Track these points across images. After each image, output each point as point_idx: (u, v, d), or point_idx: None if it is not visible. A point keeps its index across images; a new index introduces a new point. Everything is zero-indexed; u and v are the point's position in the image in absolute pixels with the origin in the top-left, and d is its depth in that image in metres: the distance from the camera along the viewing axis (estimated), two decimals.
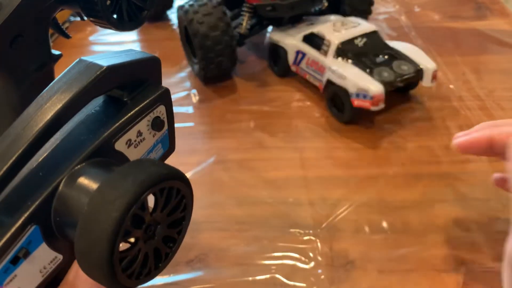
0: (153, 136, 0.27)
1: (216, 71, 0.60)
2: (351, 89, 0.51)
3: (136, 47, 0.76)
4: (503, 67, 0.64)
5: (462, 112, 0.57)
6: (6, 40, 0.28)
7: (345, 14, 0.66)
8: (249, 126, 0.56)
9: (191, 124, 0.57)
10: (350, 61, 0.55)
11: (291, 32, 0.62)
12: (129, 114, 0.25)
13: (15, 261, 0.21)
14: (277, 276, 0.40)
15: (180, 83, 0.64)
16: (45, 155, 0.23)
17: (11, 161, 0.20)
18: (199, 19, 0.56)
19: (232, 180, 0.49)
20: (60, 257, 0.23)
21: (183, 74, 0.66)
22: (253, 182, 0.49)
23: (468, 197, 0.46)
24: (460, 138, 0.37)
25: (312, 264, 0.40)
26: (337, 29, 0.58)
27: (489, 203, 0.45)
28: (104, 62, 0.23)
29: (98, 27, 0.33)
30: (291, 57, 0.61)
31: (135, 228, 0.20)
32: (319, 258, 0.41)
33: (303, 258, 0.41)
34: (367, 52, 0.55)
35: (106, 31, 0.77)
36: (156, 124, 0.27)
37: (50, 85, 0.23)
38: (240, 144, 0.54)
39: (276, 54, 0.63)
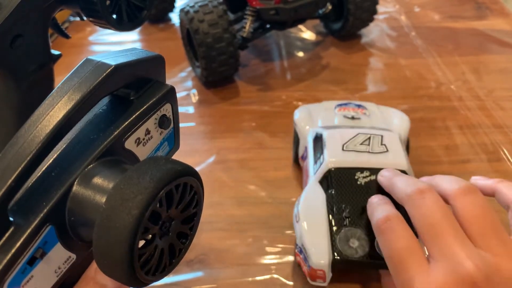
0: (160, 134, 0.27)
1: (218, 73, 0.60)
2: (298, 240, 0.37)
3: (137, 47, 0.75)
4: (502, 67, 0.65)
5: (462, 112, 0.57)
6: (6, 40, 0.28)
7: (348, 18, 0.66)
8: (250, 126, 0.56)
9: (191, 124, 0.57)
10: (323, 199, 0.38)
11: (317, 113, 0.47)
12: (137, 113, 0.25)
13: (32, 261, 0.21)
14: (277, 276, 0.40)
15: (180, 83, 0.64)
16: (56, 155, 0.23)
17: (25, 161, 0.20)
18: (200, 17, 0.56)
19: (232, 180, 0.49)
20: (73, 256, 0.23)
21: (183, 74, 0.66)
22: (253, 182, 0.49)
23: None
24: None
25: None
26: (350, 145, 0.40)
27: (489, 203, 0.45)
28: (112, 61, 0.23)
29: (98, 27, 0.33)
30: (301, 149, 0.47)
31: (153, 224, 0.21)
32: None
33: None
34: (360, 198, 0.37)
35: (106, 31, 0.77)
36: (163, 122, 0.27)
37: (59, 85, 0.23)
38: (240, 144, 0.54)
39: (296, 135, 0.48)
